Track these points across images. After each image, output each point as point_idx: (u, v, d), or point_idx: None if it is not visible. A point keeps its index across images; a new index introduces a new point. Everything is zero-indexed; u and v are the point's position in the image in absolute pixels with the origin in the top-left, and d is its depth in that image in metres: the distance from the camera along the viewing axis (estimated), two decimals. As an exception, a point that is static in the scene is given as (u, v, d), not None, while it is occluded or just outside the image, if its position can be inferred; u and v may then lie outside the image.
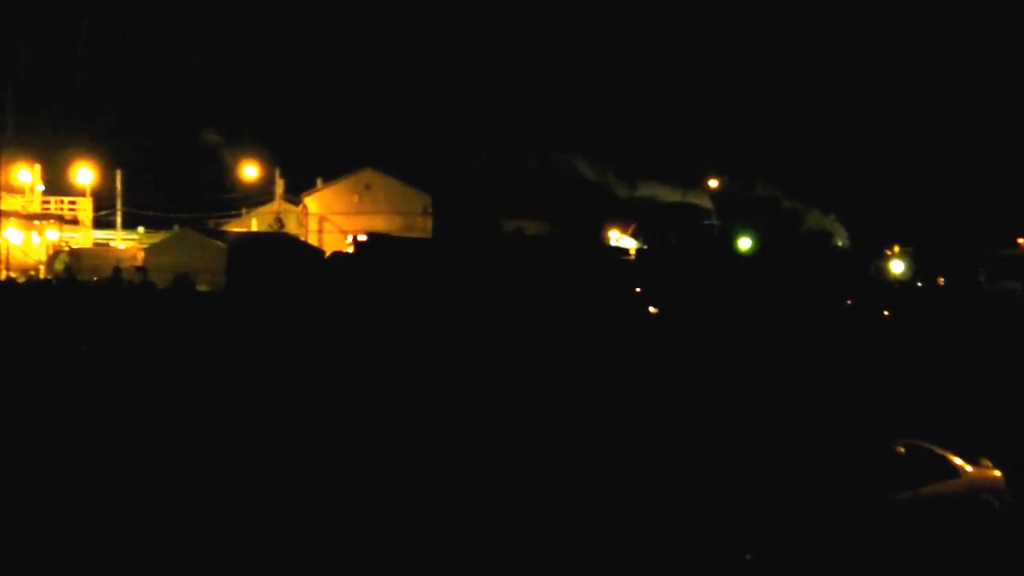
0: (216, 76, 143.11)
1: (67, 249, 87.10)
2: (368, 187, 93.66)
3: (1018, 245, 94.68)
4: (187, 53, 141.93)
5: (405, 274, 69.54)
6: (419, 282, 67.18)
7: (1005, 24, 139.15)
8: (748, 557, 19.05)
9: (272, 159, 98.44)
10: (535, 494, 22.88)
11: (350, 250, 79.43)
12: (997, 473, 22.04)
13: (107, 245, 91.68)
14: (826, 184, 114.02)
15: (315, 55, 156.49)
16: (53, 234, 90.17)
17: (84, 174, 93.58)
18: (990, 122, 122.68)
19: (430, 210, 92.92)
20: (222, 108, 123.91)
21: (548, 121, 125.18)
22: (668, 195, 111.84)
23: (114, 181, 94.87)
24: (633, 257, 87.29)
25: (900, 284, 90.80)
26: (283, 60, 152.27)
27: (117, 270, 75.29)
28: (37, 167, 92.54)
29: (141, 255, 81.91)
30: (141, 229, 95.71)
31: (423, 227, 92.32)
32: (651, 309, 68.09)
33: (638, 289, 75.28)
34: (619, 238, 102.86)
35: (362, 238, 78.28)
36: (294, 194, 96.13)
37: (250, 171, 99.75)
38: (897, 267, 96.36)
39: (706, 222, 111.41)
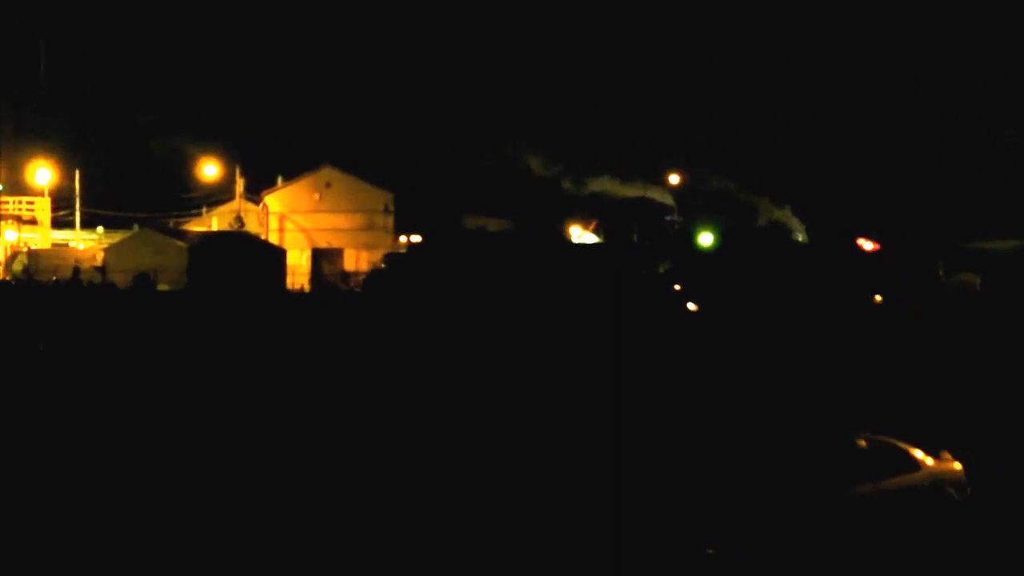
0: (176, 75, 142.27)
1: (26, 250, 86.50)
2: (329, 185, 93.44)
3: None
4: (146, 53, 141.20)
5: (454, 275, 70.37)
6: (467, 283, 67.87)
7: (971, 15, 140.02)
8: (710, 551, 19.07)
9: (232, 157, 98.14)
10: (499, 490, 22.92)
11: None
12: (957, 466, 22.17)
13: (66, 245, 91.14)
14: (781, 177, 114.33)
15: (274, 54, 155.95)
16: (11, 235, 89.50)
17: (42, 174, 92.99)
18: (949, 117, 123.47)
19: (391, 208, 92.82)
20: (182, 107, 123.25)
21: (504, 118, 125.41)
22: (626, 190, 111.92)
23: (73, 181, 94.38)
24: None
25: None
26: (243, 59, 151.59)
27: (76, 270, 74.97)
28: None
29: (100, 255, 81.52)
30: (100, 229, 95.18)
31: (384, 225, 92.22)
32: (690, 306, 69.29)
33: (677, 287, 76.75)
34: (580, 234, 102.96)
35: (416, 239, 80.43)
36: (255, 193, 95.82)
37: (210, 170, 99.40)
38: None
39: (667, 218, 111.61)
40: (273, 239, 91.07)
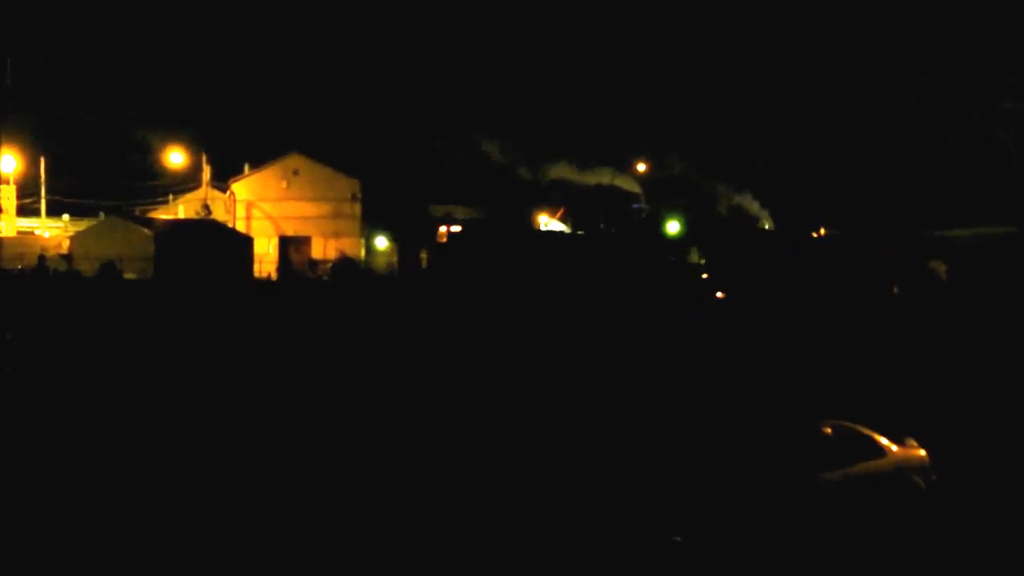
0: (141, 61, 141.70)
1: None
2: (296, 173, 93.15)
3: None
4: (113, 40, 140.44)
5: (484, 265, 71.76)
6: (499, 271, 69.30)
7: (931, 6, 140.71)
8: (677, 539, 19.21)
9: (199, 145, 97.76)
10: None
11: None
12: (922, 452, 22.40)
13: (31, 233, 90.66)
14: (744, 163, 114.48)
15: (240, 42, 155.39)
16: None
17: (7, 161, 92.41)
18: (912, 108, 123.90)
19: (359, 196, 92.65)
20: (148, 93, 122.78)
21: (469, 106, 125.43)
22: (590, 177, 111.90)
23: (38, 168, 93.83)
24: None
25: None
26: (210, 46, 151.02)
27: (42, 258, 74.56)
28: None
29: (66, 243, 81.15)
30: (66, 217, 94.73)
31: (351, 213, 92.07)
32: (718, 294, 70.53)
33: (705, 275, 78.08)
34: (548, 222, 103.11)
35: (456, 229, 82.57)
36: (221, 180, 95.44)
37: (176, 157, 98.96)
38: None
39: (634, 205, 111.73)
40: (240, 227, 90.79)
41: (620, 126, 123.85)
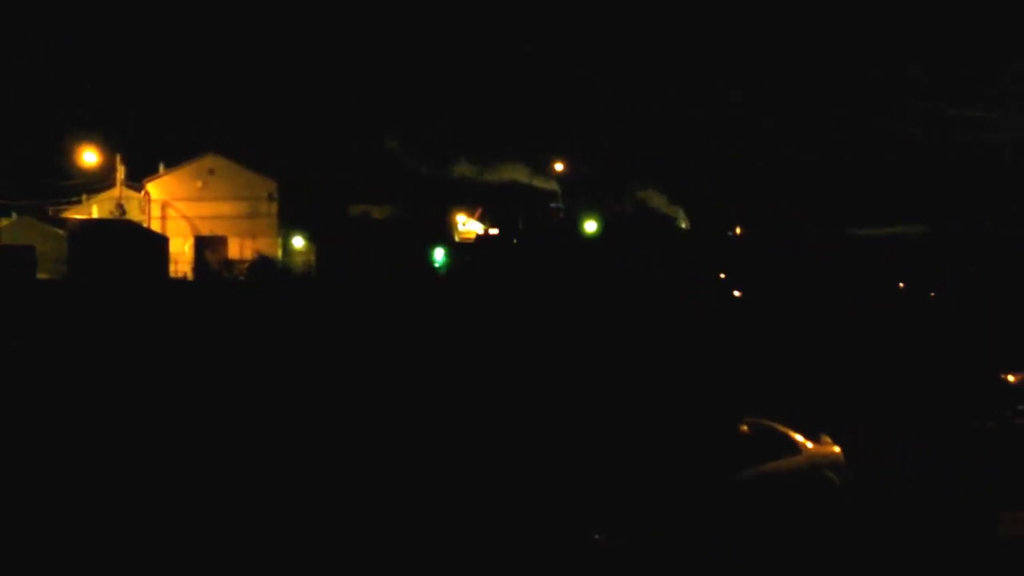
0: (54, 58, 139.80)
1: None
2: (212, 172, 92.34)
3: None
4: (22, 34, 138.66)
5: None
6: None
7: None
8: (597, 537, 19.35)
9: (113, 144, 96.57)
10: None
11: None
12: (837, 449, 22.74)
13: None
14: (655, 160, 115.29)
15: (156, 38, 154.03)
16: None
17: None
18: (834, 106, 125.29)
19: (275, 196, 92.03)
20: (61, 91, 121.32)
21: (384, 106, 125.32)
22: (495, 176, 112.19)
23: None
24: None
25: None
26: (124, 43, 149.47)
27: (-48, 260, 73.38)
28: None
29: (-24, 244, 79.96)
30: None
31: (268, 212, 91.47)
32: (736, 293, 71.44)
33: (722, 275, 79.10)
34: (466, 222, 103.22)
35: (493, 231, 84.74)
36: (136, 180, 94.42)
37: (90, 156, 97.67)
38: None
39: (552, 205, 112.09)
40: (155, 227, 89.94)
41: (529, 122, 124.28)
